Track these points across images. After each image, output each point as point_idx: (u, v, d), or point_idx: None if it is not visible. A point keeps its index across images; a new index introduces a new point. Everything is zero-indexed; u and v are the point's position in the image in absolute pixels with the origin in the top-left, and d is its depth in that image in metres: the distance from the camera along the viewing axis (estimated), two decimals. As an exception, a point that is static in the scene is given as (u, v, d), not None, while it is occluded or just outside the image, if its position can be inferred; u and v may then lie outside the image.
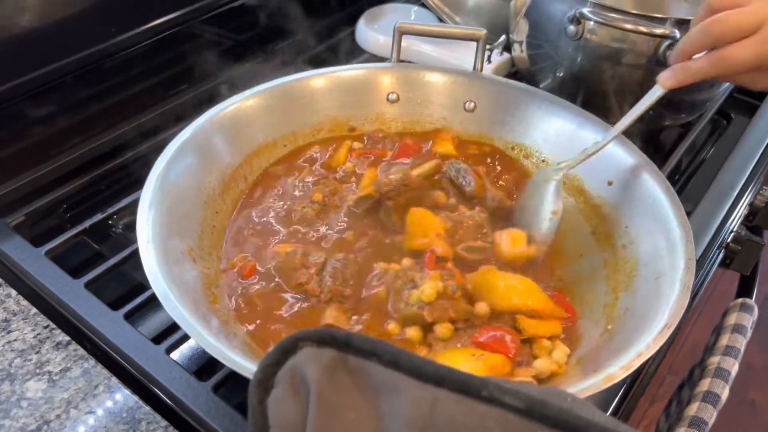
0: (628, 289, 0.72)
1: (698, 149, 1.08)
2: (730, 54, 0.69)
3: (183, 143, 0.80)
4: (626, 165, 0.83)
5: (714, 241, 0.87)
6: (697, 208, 0.90)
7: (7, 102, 0.95)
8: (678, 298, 0.65)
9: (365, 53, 1.22)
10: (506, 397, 0.30)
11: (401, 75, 0.97)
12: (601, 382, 0.57)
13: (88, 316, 0.72)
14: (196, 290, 0.69)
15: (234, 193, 0.84)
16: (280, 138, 0.91)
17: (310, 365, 0.32)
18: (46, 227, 0.89)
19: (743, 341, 0.85)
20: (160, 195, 0.73)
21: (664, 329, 0.61)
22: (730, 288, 1.21)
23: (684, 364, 1.12)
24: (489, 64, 1.11)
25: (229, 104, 0.87)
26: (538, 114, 0.91)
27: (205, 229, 0.78)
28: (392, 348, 0.32)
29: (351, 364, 0.32)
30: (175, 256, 0.70)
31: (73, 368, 0.68)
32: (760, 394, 1.90)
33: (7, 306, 0.74)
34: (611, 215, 0.82)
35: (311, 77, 0.94)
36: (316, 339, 0.32)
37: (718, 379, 0.80)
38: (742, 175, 0.95)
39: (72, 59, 1.00)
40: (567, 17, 0.94)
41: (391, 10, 1.28)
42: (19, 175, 0.92)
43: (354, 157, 0.92)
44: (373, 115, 0.96)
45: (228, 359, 0.58)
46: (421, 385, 0.31)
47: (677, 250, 0.70)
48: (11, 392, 0.65)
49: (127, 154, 0.97)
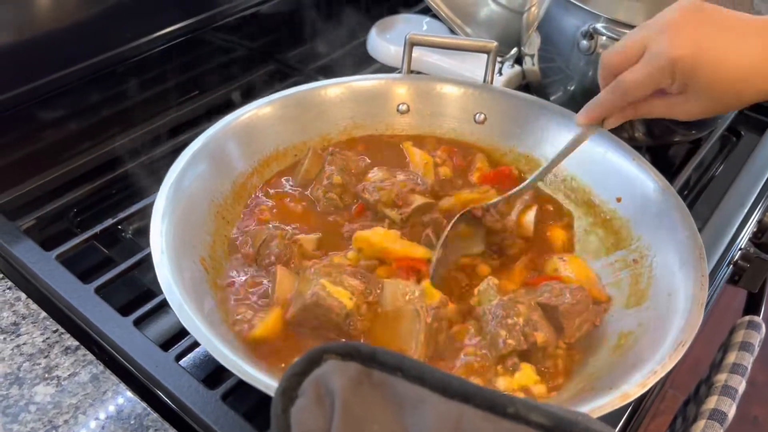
0: (640, 305, 0.72)
1: (708, 166, 1.08)
2: (623, 77, 0.71)
3: (196, 152, 0.80)
4: (635, 178, 0.83)
5: (723, 258, 0.87)
6: (707, 224, 0.90)
7: (19, 106, 0.95)
8: (692, 314, 0.64)
9: (376, 63, 1.23)
10: (532, 415, 0.29)
11: (412, 86, 0.97)
12: (616, 400, 0.57)
13: (97, 321, 0.72)
14: (210, 301, 0.69)
15: (245, 203, 0.84)
16: (291, 147, 0.91)
17: (335, 377, 0.32)
18: (56, 231, 0.90)
19: (750, 359, 0.85)
20: (173, 205, 0.73)
21: (678, 346, 0.61)
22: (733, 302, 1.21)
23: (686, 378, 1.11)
24: (500, 77, 1.11)
25: (242, 113, 0.87)
26: (549, 127, 0.91)
27: (217, 239, 0.78)
28: (417, 363, 0.32)
29: (375, 378, 0.32)
30: (188, 266, 0.70)
31: (82, 373, 0.68)
32: (762, 410, 1.90)
33: (17, 309, 0.73)
34: (622, 230, 0.81)
35: (324, 87, 0.94)
36: (341, 352, 0.32)
37: (725, 397, 0.80)
38: (751, 193, 0.95)
39: (85, 64, 1.00)
40: (580, 32, 0.94)
41: (402, 21, 1.28)
42: (30, 178, 0.92)
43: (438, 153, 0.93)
44: (383, 125, 0.97)
45: (244, 373, 0.58)
46: (447, 400, 0.31)
47: (690, 266, 0.70)
48: (20, 396, 0.65)
49: (138, 160, 0.97)
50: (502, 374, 0.67)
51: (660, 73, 0.68)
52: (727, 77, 0.66)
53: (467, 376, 0.67)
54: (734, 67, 0.66)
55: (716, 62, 0.66)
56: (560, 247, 0.84)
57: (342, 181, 0.86)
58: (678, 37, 0.66)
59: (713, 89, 0.67)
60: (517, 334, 0.68)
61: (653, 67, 0.68)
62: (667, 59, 0.67)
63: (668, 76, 0.68)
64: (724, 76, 0.66)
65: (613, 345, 0.69)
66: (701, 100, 0.69)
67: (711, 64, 0.66)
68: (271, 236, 0.77)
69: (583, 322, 0.72)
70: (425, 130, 0.97)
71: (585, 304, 0.72)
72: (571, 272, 0.79)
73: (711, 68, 0.66)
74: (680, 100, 0.70)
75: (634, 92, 0.71)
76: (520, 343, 0.68)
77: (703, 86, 0.67)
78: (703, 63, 0.66)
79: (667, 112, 0.72)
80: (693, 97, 0.69)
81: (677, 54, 0.66)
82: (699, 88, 0.67)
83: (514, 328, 0.68)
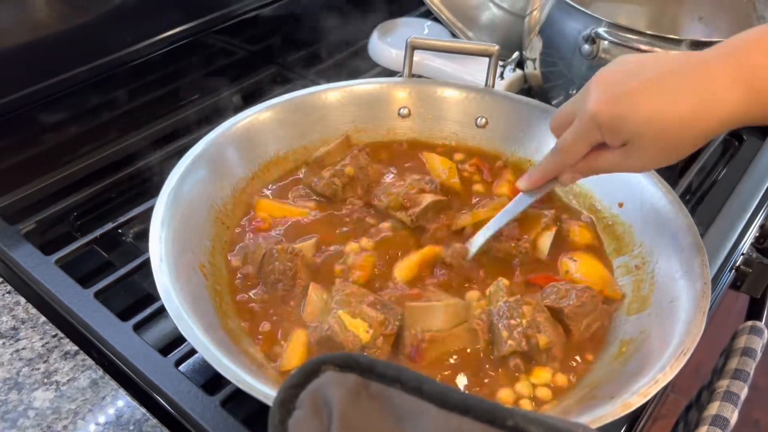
0: (642, 311, 0.71)
1: (710, 170, 1.08)
2: (561, 140, 0.71)
3: (196, 157, 0.80)
4: (638, 183, 0.82)
5: (726, 263, 0.86)
6: (709, 229, 0.89)
7: (20, 109, 0.95)
8: (694, 323, 0.64)
9: (378, 66, 1.22)
10: (532, 427, 0.29)
11: (413, 90, 0.97)
12: (617, 409, 0.57)
13: (97, 326, 0.72)
14: (208, 308, 0.69)
15: (245, 208, 0.84)
16: (292, 152, 0.91)
17: (333, 388, 0.32)
18: (56, 235, 0.89)
19: (753, 365, 0.85)
20: (173, 211, 0.73)
21: (680, 355, 0.60)
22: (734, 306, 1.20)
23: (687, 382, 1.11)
24: (501, 81, 1.11)
25: (242, 118, 0.87)
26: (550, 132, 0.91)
27: (216, 245, 0.77)
28: (416, 374, 0.32)
29: (374, 389, 0.32)
30: (187, 273, 0.70)
31: (81, 378, 0.68)
32: (764, 414, 1.89)
33: (16, 314, 0.73)
34: (624, 236, 0.81)
35: (324, 91, 0.94)
36: (339, 363, 0.32)
37: (728, 403, 0.79)
38: (754, 197, 0.95)
39: (85, 68, 1.00)
40: (582, 36, 0.94)
41: (404, 24, 1.28)
42: (30, 182, 0.92)
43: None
44: (384, 130, 0.96)
45: (242, 381, 0.58)
46: (446, 412, 0.30)
47: (693, 273, 0.70)
48: (18, 401, 0.65)
49: (139, 163, 0.97)
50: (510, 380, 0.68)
51: (586, 129, 0.67)
52: (662, 122, 0.62)
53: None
54: (671, 110, 0.62)
55: (645, 107, 0.62)
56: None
57: (353, 174, 0.86)
58: (599, 91, 0.65)
59: (652, 138, 0.63)
60: (518, 335, 0.68)
61: (580, 126, 0.67)
62: (589, 114, 0.65)
63: (595, 131, 0.66)
64: (659, 122, 0.62)
65: (615, 352, 0.69)
66: (648, 151, 0.65)
67: (639, 109, 0.62)
68: (271, 251, 0.76)
69: (592, 323, 0.72)
70: (427, 134, 0.97)
71: (592, 305, 0.72)
72: (582, 273, 0.79)
73: (639, 114, 0.62)
74: (624, 153, 0.66)
75: (572, 152, 0.70)
76: (521, 344, 0.67)
77: (641, 136, 0.64)
78: (627, 111, 0.63)
79: (620, 166, 0.69)
80: (636, 148, 0.65)
81: (596, 107, 0.64)
82: (637, 139, 0.64)
83: (516, 329, 0.68)
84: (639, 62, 0.66)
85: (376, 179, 0.90)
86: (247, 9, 1.21)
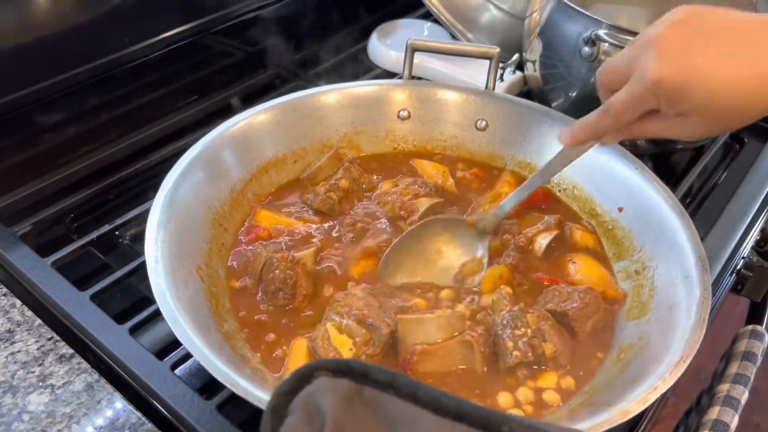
0: (641, 317, 0.71)
1: (710, 173, 1.07)
2: (612, 99, 0.67)
3: (192, 159, 0.80)
4: (638, 188, 0.82)
5: (726, 267, 0.86)
6: (710, 233, 0.89)
7: (17, 110, 0.95)
8: (693, 329, 0.64)
9: (377, 68, 1.22)
10: (527, 435, 0.29)
11: (413, 92, 0.96)
12: (616, 416, 0.56)
13: (92, 330, 0.71)
14: (205, 311, 0.68)
15: (243, 210, 0.84)
16: (290, 154, 0.90)
17: (325, 395, 0.31)
18: (52, 237, 0.89)
19: (753, 369, 0.84)
20: (169, 213, 0.73)
21: (679, 362, 0.60)
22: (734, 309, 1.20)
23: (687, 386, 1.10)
24: (501, 83, 1.11)
25: (239, 119, 0.87)
26: (551, 134, 0.91)
27: (213, 247, 0.77)
28: (410, 380, 0.31)
29: (367, 395, 0.31)
30: (183, 276, 0.69)
31: (76, 382, 0.67)
32: (765, 418, 1.89)
33: (12, 316, 0.73)
34: (624, 240, 0.81)
35: (322, 93, 0.93)
36: (332, 369, 0.32)
37: (728, 408, 0.79)
38: (755, 201, 0.94)
39: (84, 68, 1.00)
40: (582, 38, 0.94)
41: (404, 26, 1.28)
42: (26, 183, 0.92)
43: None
44: (383, 132, 0.96)
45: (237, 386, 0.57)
46: (440, 419, 0.30)
47: (693, 279, 0.69)
48: (13, 405, 0.65)
49: (136, 165, 0.96)
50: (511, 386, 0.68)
51: (642, 96, 0.63)
52: (726, 94, 0.58)
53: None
54: (734, 82, 0.58)
55: (710, 80, 0.58)
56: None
57: (348, 187, 0.86)
58: (662, 56, 0.60)
59: (711, 109, 0.60)
60: (524, 345, 0.67)
61: (636, 91, 0.63)
62: (650, 82, 0.60)
63: (652, 99, 0.62)
64: (722, 94, 0.58)
65: (614, 358, 0.68)
66: (701, 122, 0.62)
67: (703, 83, 0.58)
68: (271, 260, 0.75)
69: (597, 323, 0.72)
70: (426, 137, 0.96)
71: (595, 305, 0.72)
72: (581, 275, 0.79)
73: (703, 87, 0.59)
74: (678, 122, 0.63)
75: (622, 116, 0.66)
76: (527, 355, 0.67)
77: (699, 107, 0.60)
78: (692, 83, 0.59)
79: (666, 134, 0.66)
80: (691, 119, 0.62)
81: (659, 75, 0.60)
82: (694, 109, 0.61)
83: (521, 339, 0.67)
84: (703, 20, 0.60)
85: (370, 189, 0.90)
86: (246, 10, 1.21)
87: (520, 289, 0.78)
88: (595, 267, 0.80)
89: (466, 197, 0.90)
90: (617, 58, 0.66)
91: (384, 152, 0.96)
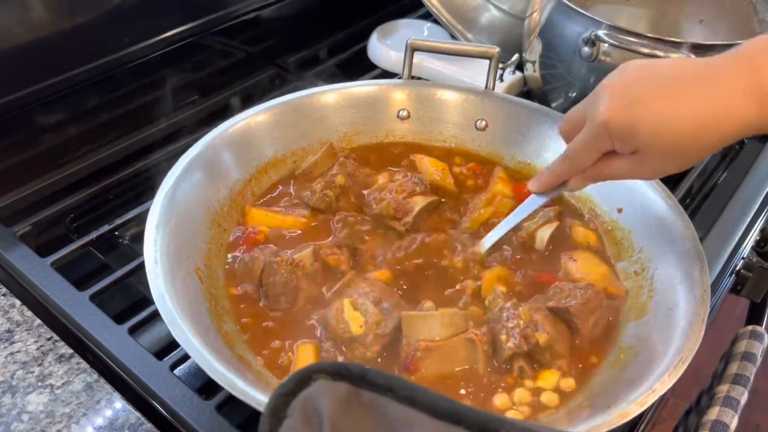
0: (640, 318, 0.71)
1: (710, 174, 1.07)
2: (571, 143, 0.70)
3: (191, 160, 0.80)
4: (638, 188, 0.82)
5: (726, 267, 0.86)
6: (709, 234, 0.89)
7: (17, 110, 0.95)
8: (692, 330, 0.64)
9: (377, 68, 1.22)
10: (524, 438, 0.29)
11: (412, 92, 0.96)
12: (614, 419, 0.56)
13: (92, 330, 0.71)
14: (203, 312, 0.68)
15: (242, 211, 0.84)
16: (290, 154, 0.90)
17: (324, 397, 0.31)
18: (52, 237, 0.89)
19: (753, 369, 0.84)
20: (168, 214, 0.73)
21: (678, 364, 0.60)
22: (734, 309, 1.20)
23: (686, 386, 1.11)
24: (501, 83, 1.10)
25: (239, 120, 0.87)
26: (550, 135, 0.91)
27: (213, 248, 0.77)
28: (408, 383, 0.32)
29: (365, 398, 0.31)
30: (182, 276, 0.69)
31: (75, 382, 0.67)
32: (765, 418, 1.89)
33: (11, 316, 0.73)
34: (623, 241, 0.81)
35: (322, 93, 0.93)
36: (330, 372, 0.32)
37: (727, 408, 0.79)
38: (755, 201, 0.94)
39: (84, 68, 1.00)
40: (582, 39, 0.94)
41: (403, 26, 1.28)
42: (26, 183, 0.91)
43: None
44: (383, 132, 0.96)
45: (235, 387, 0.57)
46: (437, 422, 0.30)
47: (692, 280, 0.69)
48: (12, 405, 0.65)
49: (136, 165, 0.96)
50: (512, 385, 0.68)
51: (596, 137, 0.66)
52: (671, 134, 0.61)
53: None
54: (677, 120, 0.61)
55: (655, 118, 0.61)
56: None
57: (344, 183, 0.86)
58: (611, 100, 0.63)
59: (660, 148, 0.63)
60: (516, 336, 0.67)
61: (590, 133, 0.66)
62: (600, 122, 0.64)
63: (606, 139, 0.65)
64: (667, 134, 0.61)
65: (612, 359, 0.68)
66: (655, 159, 0.64)
67: (648, 122, 0.62)
68: (270, 264, 0.75)
69: (600, 319, 0.72)
70: (426, 137, 0.96)
71: (597, 301, 0.72)
72: (582, 272, 0.78)
73: (649, 126, 0.62)
74: (635, 160, 0.66)
75: (582, 158, 0.69)
76: (520, 345, 0.67)
77: (648, 146, 0.63)
78: (638, 123, 0.62)
79: (628, 174, 0.68)
80: (648, 156, 0.64)
81: (608, 116, 0.63)
82: (645, 147, 0.63)
83: (514, 330, 0.67)
84: (650, 68, 0.65)
85: (365, 184, 0.89)
86: (246, 10, 1.21)
87: (521, 289, 0.77)
88: (596, 264, 0.80)
89: (461, 197, 0.89)
90: (574, 110, 0.71)
91: (390, 143, 0.96)
